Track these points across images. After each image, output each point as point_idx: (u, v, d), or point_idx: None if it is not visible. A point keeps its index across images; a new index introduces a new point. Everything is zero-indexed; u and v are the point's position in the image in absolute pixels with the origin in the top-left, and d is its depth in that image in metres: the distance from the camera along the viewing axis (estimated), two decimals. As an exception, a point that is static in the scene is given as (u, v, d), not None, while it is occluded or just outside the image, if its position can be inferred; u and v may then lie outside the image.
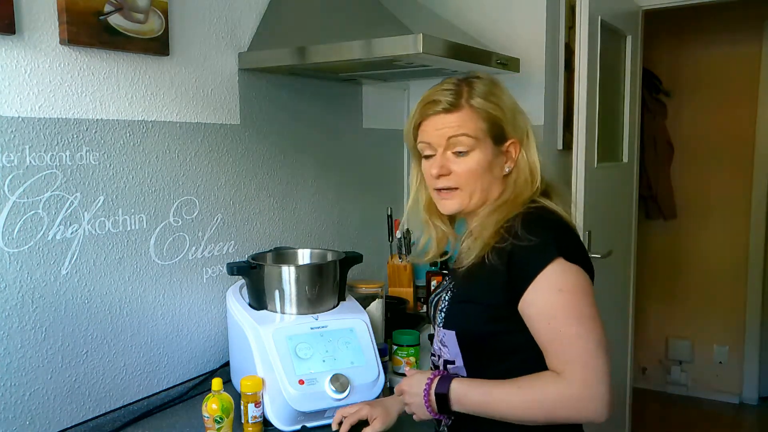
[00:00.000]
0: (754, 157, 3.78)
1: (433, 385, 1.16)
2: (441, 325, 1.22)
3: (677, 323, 4.08)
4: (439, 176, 1.20)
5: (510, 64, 2.05)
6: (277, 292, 1.57)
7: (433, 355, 1.30)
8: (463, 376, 1.19)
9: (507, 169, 1.21)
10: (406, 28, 1.64)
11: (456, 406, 1.14)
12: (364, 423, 1.37)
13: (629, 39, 2.71)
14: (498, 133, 1.19)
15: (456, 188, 1.21)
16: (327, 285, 1.62)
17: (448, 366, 1.23)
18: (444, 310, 1.22)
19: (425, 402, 1.16)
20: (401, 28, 1.65)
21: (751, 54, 3.73)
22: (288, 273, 1.58)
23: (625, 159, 2.80)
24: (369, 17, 1.75)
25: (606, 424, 1.21)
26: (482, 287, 1.15)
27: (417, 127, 1.23)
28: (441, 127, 1.18)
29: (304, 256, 1.80)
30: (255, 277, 1.59)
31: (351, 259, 1.69)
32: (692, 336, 4.05)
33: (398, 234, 2.36)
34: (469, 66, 1.93)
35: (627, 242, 2.89)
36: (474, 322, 1.17)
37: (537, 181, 1.20)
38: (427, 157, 1.23)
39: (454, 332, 1.19)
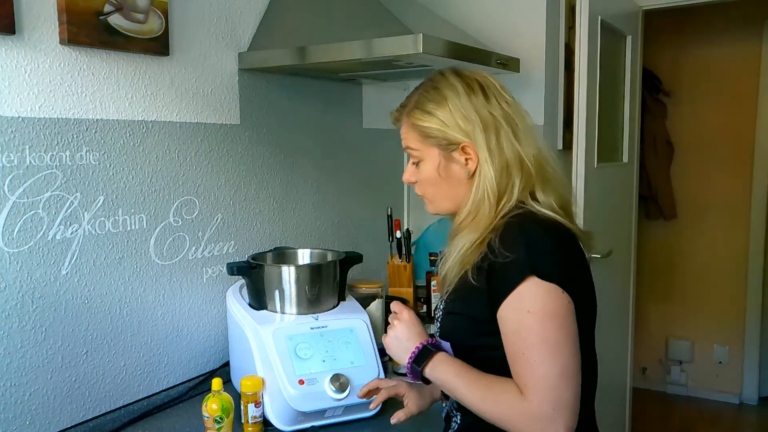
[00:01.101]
0: (754, 157, 3.78)
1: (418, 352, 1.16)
2: (438, 335, 1.22)
3: (677, 323, 4.08)
4: (408, 183, 1.25)
5: (510, 64, 2.05)
6: (277, 292, 1.57)
7: None
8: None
9: (467, 174, 1.15)
10: (406, 28, 1.64)
11: (428, 371, 1.14)
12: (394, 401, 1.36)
13: (629, 39, 2.71)
14: (440, 141, 1.15)
15: (423, 195, 1.24)
16: (327, 285, 1.62)
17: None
18: (439, 320, 1.22)
19: (412, 354, 1.16)
20: (401, 28, 1.65)
21: (751, 54, 3.73)
22: (288, 273, 1.58)
23: (625, 159, 2.80)
24: (369, 17, 1.75)
25: (606, 424, 1.21)
26: (469, 301, 1.13)
27: None
28: (400, 138, 1.23)
29: (304, 256, 1.80)
30: (255, 277, 1.59)
31: (351, 259, 1.69)
32: (692, 336, 4.05)
33: (398, 234, 2.36)
34: (469, 66, 1.93)
35: (627, 242, 2.89)
36: (463, 335, 1.16)
37: (510, 180, 1.12)
38: None
39: (449, 343, 1.19)
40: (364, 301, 1.73)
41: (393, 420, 1.32)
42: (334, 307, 1.64)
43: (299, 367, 1.46)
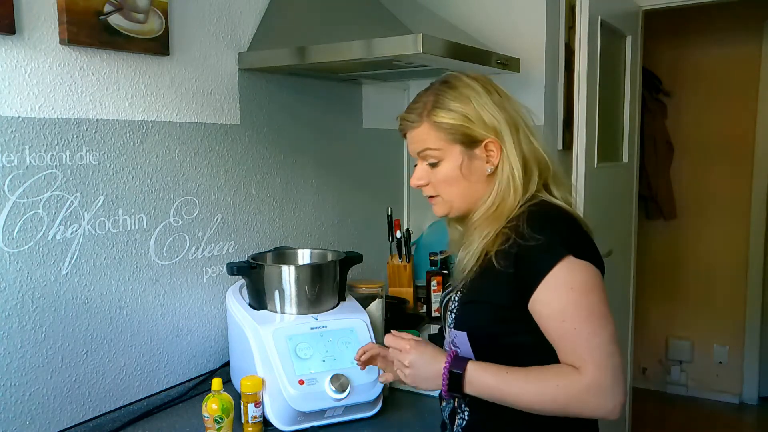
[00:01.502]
0: (754, 157, 3.78)
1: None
2: (452, 326, 1.21)
3: (677, 323, 4.08)
4: (417, 186, 1.26)
5: (510, 64, 2.05)
6: (277, 292, 1.57)
7: None
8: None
9: (489, 170, 1.19)
10: (406, 28, 1.64)
11: (468, 388, 1.13)
12: None
13: (629, 39, 2.71)
14: (465, 138, 1.18)
15: (437, 195, 1.24)
16: (327, 285, 1.62)
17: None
18: (454, 311, 1.22)
19: (444, 379, 1.14)
20: (401, 28, 1.65)
21: (751, 54, 3.73)
22: (288, 273, 1.58)
23: (625, 159, 2.80)
24: (369, 17, 1.75)
25: (606, 423, 1.21)
26: (491, 288, 1.15)
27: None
28: (411, 142, 1.24)
29: (304, 256, 1.80)
30: (255, 277, 1.59)
31: (351, 259, 1.69)
32: (692, 336, 4.05)
33: (398, 234, 2.36)
34: (470, 66, 1.93)
35: (627, 242, 2.89)
36: (484, 323, 1.17)
37: (531, 175, 1.18)
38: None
39: (465, 333, 1.18)
40: (364, 301, 1.73)
41: (381, 379, 1.34)
42: (334, 307, 1.64)
43: (299, 367, 1.46)
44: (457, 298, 1.22)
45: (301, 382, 1.44)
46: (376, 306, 1.76)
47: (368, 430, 1.51)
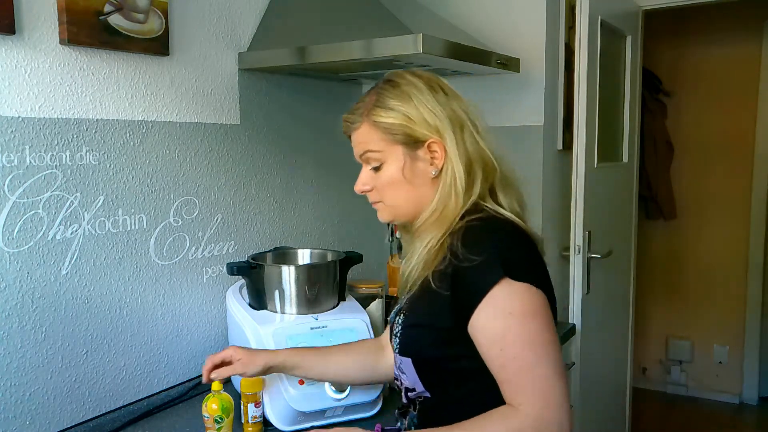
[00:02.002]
0: (754, 157, 3.78)
1: None
2: (397, 351, 1.17)
3: (677, 323, 4.08)
4: (362, 192, 1.20)
5: (510, 64, 2.05)
6: (276, 292, 1.57)
7: (396, 379, 1.25)
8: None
9: (433, 172, 1.11)
10: (406, 28, 1.64)
11: None
12: None
13: (629, 39, 2.70)
14: (406, 138, 1.11)
15: (380, 201, 1.19)
16: (327, 285, 1.62)
17: (409, 393, 1.19)
18: (398, 335, 1.16)
19: None
20: (401, 28, 1.65)
21: (751, 54, 3.73)
22: (288, 273, 1.58)
23: (625, 159, 2.80)
24: (369, 17, 1.75)
25: (606, 424, 1.20)
26: (430, 311, 1.09)
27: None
28: (354, 145, 1.18)
29: (304, 256, 1.80)
30: (255, 277, 1.59)
31: (351, 259, 1.69)
32: (692, 336, 4.05)
33: (398, 234, 2.36)
34: (469, 66, 1.93)
35: (627, 242, 2.89)
36: (428, 347, 1.11)
37: (474, 178, 1.10)
38: None
39: (410, 360, 1.13)
40: (364, 301, 1.73)
41: (213, 375, 1.32)
42: (334, 307, 1.63)
43: (299, 367, 1.45)
44: (400, 321, 1.17)
45: (301, 382, 1.44)
46: (376, 306, 1.76)
47: (368, 430, 1.51)
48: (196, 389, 1.70)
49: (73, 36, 1.39)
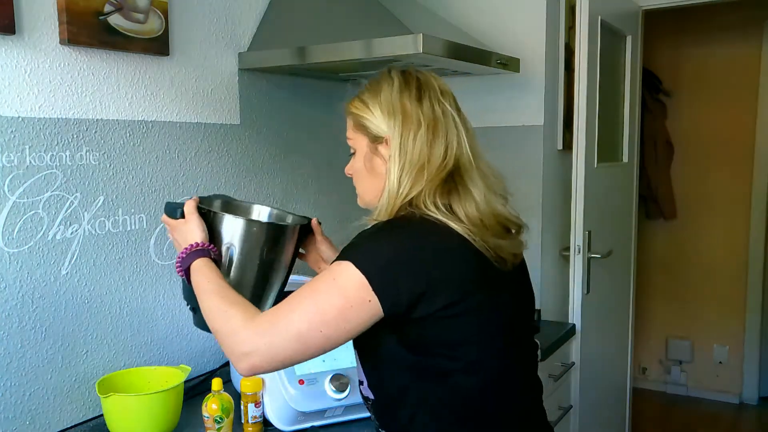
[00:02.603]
0: (754, 156, 3.78)
1: (187, 255, 1.18)
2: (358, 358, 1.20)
3: (677, 323, 4.08)
4: (347, 175, 1.27)
5: (510, 64, 2.05)
6: (223, 249, 1.25)
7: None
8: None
9: (385, 169, 1.12)
10: (406, 28, 1.64)
11: (192, 279, 1.16)
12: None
13: (629, 39, 2.70)
14: (366, 131, 1.15)
15: (356, 188, 1.25)
16: (284, 254, 1.33)
17: (360, 387, 1.20)
18: None
19: (178, 263, 1.18)
20: (401, 28, 1.65)
21: (751, 54, 3.73)
22: (247, 228, 1.27)
23: (625, 159, 2.80)
24: (369, 17, 1.75)
25: (606, 424, 1.20)
26: None
27: None
28: None
29: (260, 214, 1.49)
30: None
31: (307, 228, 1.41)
32: (692, 336, 4.05)
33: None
34: (469, 66, 1.93)
35: (627, 242, 2.89)
36: (363, 342, 1.16)
37: (414, 179, 1.08)
38: None
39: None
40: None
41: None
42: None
43: (299, 367, 1.45)
44: None
45: (301, 382, 1.44)
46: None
47: (368, 430, 1.51)
48: (196, 389, 1.70)
49: (73, 36, 1.39)
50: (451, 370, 1.07)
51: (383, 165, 1.14)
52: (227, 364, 1.75)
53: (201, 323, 1.20)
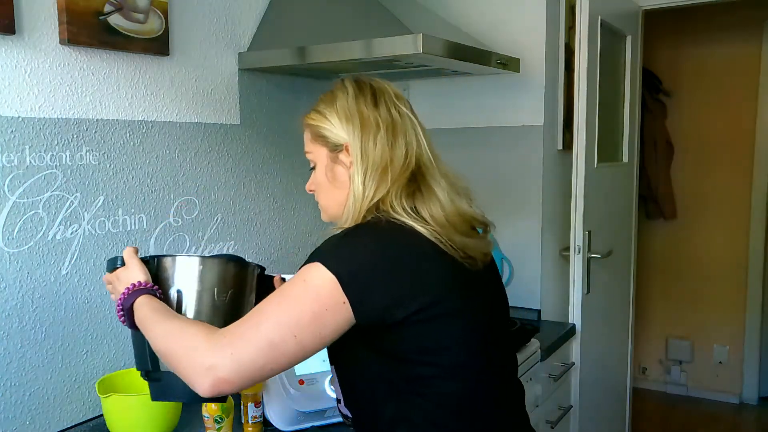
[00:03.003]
0: (754, 156, 3.78)
1: (128, 295, 1.10)
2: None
3: (677, 323, 4.08)
4: (309, 191, 1.25)
5: (510, 64, 2.05)
6: (174, 294, 1.16)
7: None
8: None
9: (349, 177, 1.11)
10: (406, 28, 1.64)
11: (136, 319, 1.09)
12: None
13: (629, 39, 2.70)
14: (325, 141, 1.14)
15: (319, 203, 1.23)
16: (242, 294, 1.22)
17: (338, 405, 1.18)
18: None
19: (119, 306, 1.10)
20: (401, 28, 1.65)
21: (751, 54, 3.73)
22: (193, 267, 1.17)
23: (625, 159, 2.80)
24: (369, 17, 1.75)
25: (606, 424, 1.20)
26: None
27: None
28: None
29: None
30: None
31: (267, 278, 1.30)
32: (692, 336, 4.05)
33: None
34: (469, 66, 1.93)
35: (627, 242, 2.89)
36: (336, 350, 1.13)
37: (377, 182, 1.08)
38: None
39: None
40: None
41: None
42: None
43: (299, 367, 1.45)
44: None
45: (301, 382, 1.44)
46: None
47: (368, 430, 1.51)
48: (196, 389, 1.70)
49: (73, 36, 1.39)
50: (430, 377, 1.05)
51: (345, 173, 1.12)
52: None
53: (161, 393, 1.13)
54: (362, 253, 1.02)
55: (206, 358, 0.95)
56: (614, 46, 2.65)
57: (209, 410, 1.38)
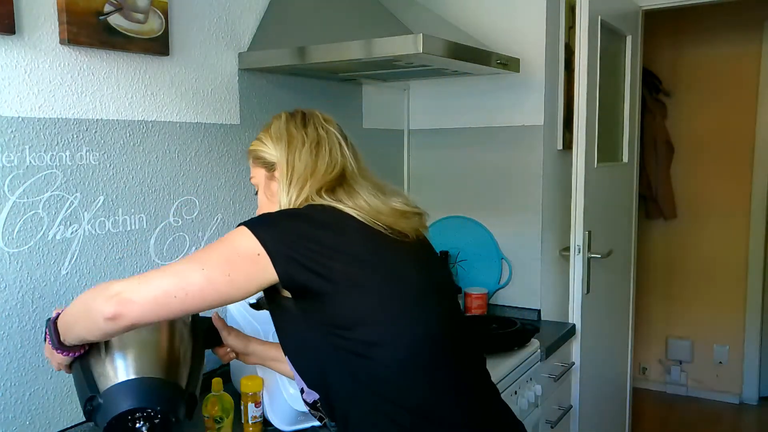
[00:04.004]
0: (754, 157, 3.78)
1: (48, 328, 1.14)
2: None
3: (677, 323, 4.08)
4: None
5: (510, 64, 2.05)
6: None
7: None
8: None
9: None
10: (406, 28, 1.64)
11: (59, 324, 1.12)
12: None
13: (629, 39, 2.71)
14: (262, 162, 1.24)
15: None
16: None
17: (303, 396, 1.22)
18: None
19: (49, 343, 1.13)
20: (401, 28, 1.65)
21: (751, 54, 3.73)
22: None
23: (625, 159, 2.80)
24: (369, 17, 1.75)
25: (606, 424, 1.20)
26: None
27: None
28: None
29: None
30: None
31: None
32: (692, 336, 4.05)
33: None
34: (469, 66, 1.93)
35: (627, 242, 2.89)
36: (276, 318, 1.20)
37: (299, 186, 1.17)
38: None
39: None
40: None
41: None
42: None
43: (299, 367, 1.45)
44: None
45: (301, 382, 1.44)
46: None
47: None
48: (196, 389, 1.70)
49: (73, 36, 1.39)
50: (370, 346, 1.07)
51: (278, 187, 1.20)
52: (228, 364, 1.75)
53: (106, 413, 1.12)
54: (282, 218, 1.11)
55: (113, 287, 1.01)
56: (614, 46, 2.65)
57: (209, 410, 1.38)
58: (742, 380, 3.94)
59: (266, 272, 1.03)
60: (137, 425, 1.13)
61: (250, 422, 1.44)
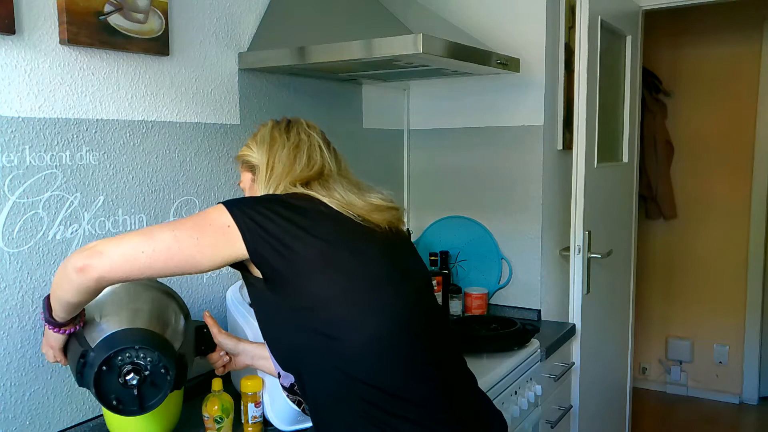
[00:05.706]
0: (754, 156, 3.78)
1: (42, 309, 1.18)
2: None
3: (677, 323, 4.08)
4: None
5: (510, 64, 2.05)
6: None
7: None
8: None
9: None
10: (406, 28, 1.64)
11: (51, 298, 1.15)
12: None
13: (629, 39, 2.71)
14: (248, 166, 1.32)
15: None
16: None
17: (281, 381, 1.28)
18: None
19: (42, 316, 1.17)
20: (401, 28, 1.65)
21: (751, 54, 3.74)
22: None
23: (625, 159, 2.80)
24: (369, 17, 1.75)
25: (606, 424, 1.20)
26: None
27: None
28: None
29: None
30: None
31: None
32: (692, 336, 4.05)
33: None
34: (469, 66, 1.93)
35: (627, 242, 2.89)
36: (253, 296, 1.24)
37: (276, 183, 1.24)
38: None
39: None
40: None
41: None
42: None
43: (299, 367, 1.45)
44: None
45: (301, 382, 1.44)
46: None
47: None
48: (196, 389, 1.69)
49: (73, 36, 1.39)
50: (334, 327, 1.10)
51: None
52: (227, 364, 1.75)
53: (87, 380, 1.14)
54: (258, 199, 1.16)
55: (88, 246, 1.06)
56: (614, 46, 2.65)
57: (209, 410, 1.38)
58: (742, 380, 3.94)
59: (234, 245, 1.08)
60: (128, 378, 1.14)
61: (250, 422, 1.44)
